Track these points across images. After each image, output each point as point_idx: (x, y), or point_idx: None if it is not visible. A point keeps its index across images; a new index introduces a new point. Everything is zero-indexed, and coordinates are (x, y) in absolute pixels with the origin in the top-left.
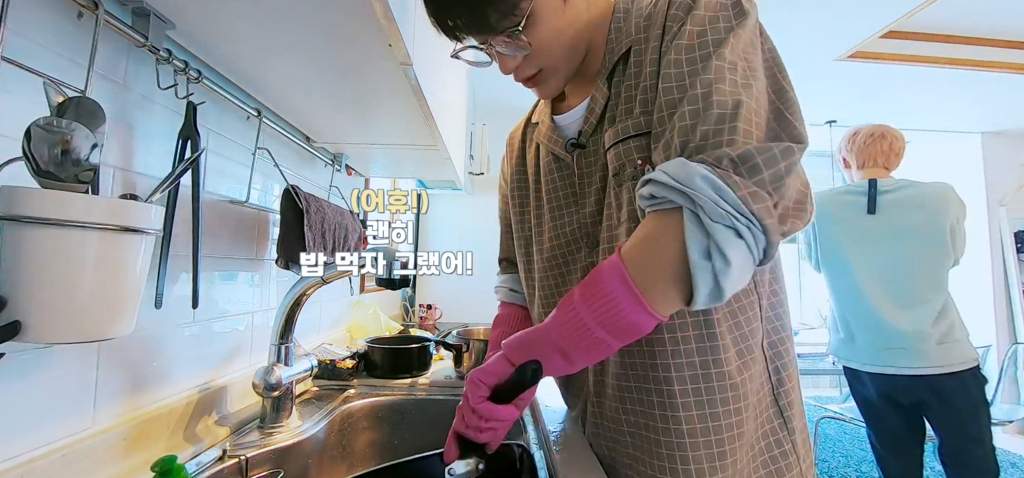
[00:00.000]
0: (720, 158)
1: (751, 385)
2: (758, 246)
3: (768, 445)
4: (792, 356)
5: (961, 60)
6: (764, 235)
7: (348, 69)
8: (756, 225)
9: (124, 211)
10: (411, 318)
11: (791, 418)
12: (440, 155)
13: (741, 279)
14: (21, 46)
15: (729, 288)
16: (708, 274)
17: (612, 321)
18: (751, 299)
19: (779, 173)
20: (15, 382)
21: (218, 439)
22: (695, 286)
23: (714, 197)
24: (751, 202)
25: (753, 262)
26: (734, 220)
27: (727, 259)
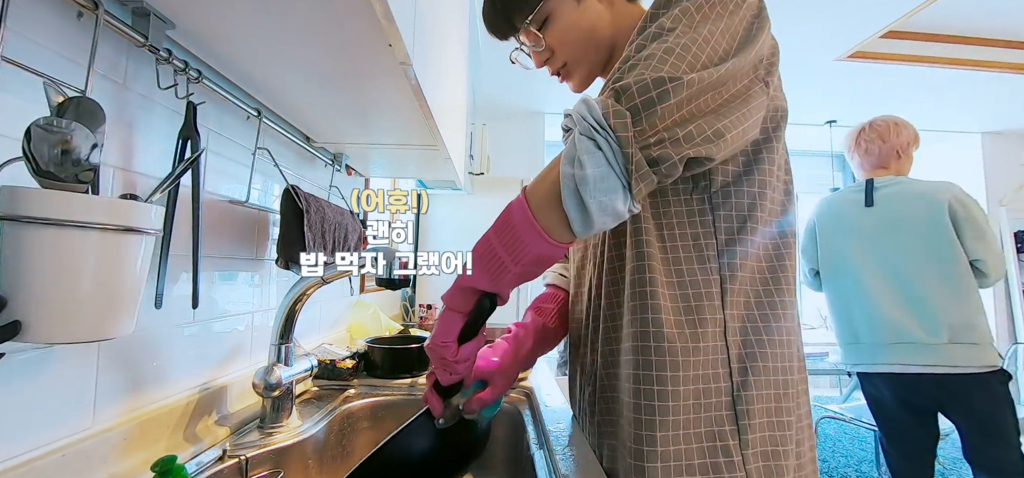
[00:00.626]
0: (608, 89)
1: (697, 357)
2: (616, 159)
3: (711, 438)
4: (776, 368)
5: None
6: (619, 147)
7: (348, 69)
8: (611, 136)
9: (124, 211)
10: (411, 318)
11: (747, 428)
12: (440, 155)
13: (604, 193)
14: (21, 46)
15: (591, 200)
16: (570, 182)
17: (516, 250)
18: (706, 264)
19: (650, 100)
20: (15, 382)
21: (218, 439)
22: (561, 197)
23: (582, 113)
24: (611, 117)
25: (618, 179)
26: (593, 132)
27: (582, 165)
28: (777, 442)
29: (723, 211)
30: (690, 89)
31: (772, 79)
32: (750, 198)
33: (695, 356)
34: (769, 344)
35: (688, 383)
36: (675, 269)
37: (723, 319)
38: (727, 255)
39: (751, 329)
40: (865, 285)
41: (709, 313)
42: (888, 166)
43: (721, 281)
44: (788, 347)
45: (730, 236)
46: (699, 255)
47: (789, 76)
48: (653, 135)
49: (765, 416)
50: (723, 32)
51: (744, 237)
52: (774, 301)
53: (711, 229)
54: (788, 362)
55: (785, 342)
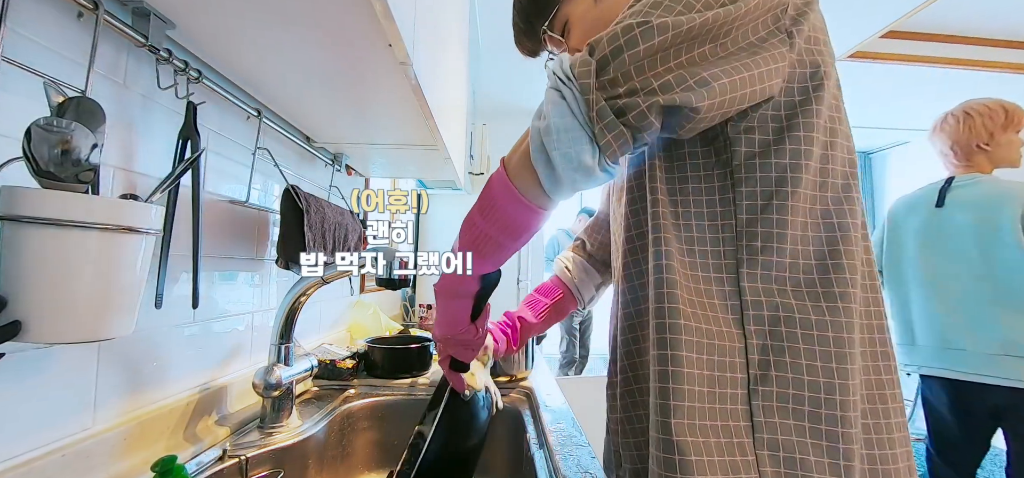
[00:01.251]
0: (586, 46)
1: (711, 341)
2: (579, 106)
3: (727, 433)
4: (821, 376)
5: (961, 60)
6: (581, 94)
7: (348, 69)
8: (574, 85)
9: (124, 211)
10: (411, 318)
11: (763, 427)
12: (440, 155)
13: (570, 146)
14: (21, 46)
15: (555, 151)
16: (536, 134)
17: (495, 217)
18: (720, 247)
19: (618, 48)
20: (15, 382)
21: (218, 439)
22: (530, 154)
23: (554, 68)
24: (576, 66)
25: (583, 130)
26: (558, 82)
27: (545, 115)
28: (808, 451)
29: (746, 187)
30: (663, 34)
31: (800, 30)
32: (779, 171)
33: (710, 339)
34: (804, 340)
35: (702, 367)
36: (688, 248)
37: (739, 306)
38: (748, 236)
39: (785, 320)
40: (923, 288)
41: (719, 298)
42: (970, 161)
43: (737, 265)
44: (846, 346)
45: (752, 215)
46: (715, 235)
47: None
48: (622, 84)
49: (792, 418)
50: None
51: (770, 216)
52: (831, 293)
53: (731, 207)
54: (843, 363)
55: (841, 339)
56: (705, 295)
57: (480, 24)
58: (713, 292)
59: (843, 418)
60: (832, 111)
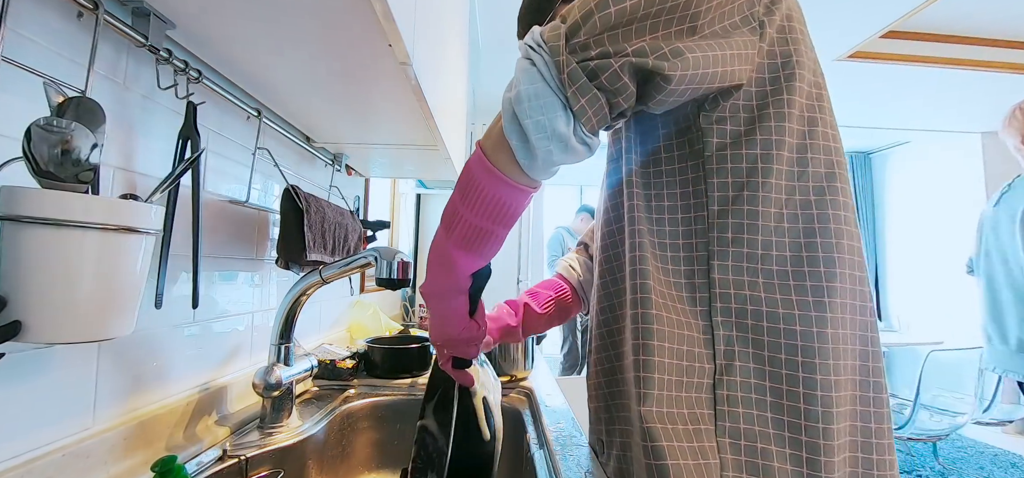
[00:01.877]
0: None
1: (681, 331)
2: (550, 71)
3: (695, 421)
4: (789, 368)
5: (961, 60)
6: (550, 56)
7: (348, 69)
8: (544, 50)
9: (124, 211)
10: (411, 318)
11: (726, 416)
12: (440, 155)
13: (543, 113)
14: (21, 46)
15: (527, 119)
16: (508, 105)
17: (477, 200)
18: (693, 239)
19: (589, 12)
20: (15, 382)
21: (218, 439)
22: (503, 126)
23: (526, 40)
24: (546, 33)
25: (555, 96)
26: (528, 50)
27: (515, 83)
28: (769, 441)
29: (717, 178)
30: (634, 1)
31: (772, 20)
32: (750, 161)
33: (680, 330)
34: (770, 332)
35: (672, 356)
36: (659, 240)
37: (708, 298)
38: (718, 228)
39: (752, 312)
40: (987, 285)
41: (688, 291)
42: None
43: (708, 256)
44: (819, 340)
45: (724, 207)
46: (687, 228)
47: None
48: (594, 48)
49: (755, 408)
50: None
51: (742, 207)
52: (803, 285)
53: (703, 198)
54: (813, 357)
55: (809, 333)
56: (675, 287)
57: (480, 24)
58: (682, 284)
59: (809, 412)
60: (811, 101)
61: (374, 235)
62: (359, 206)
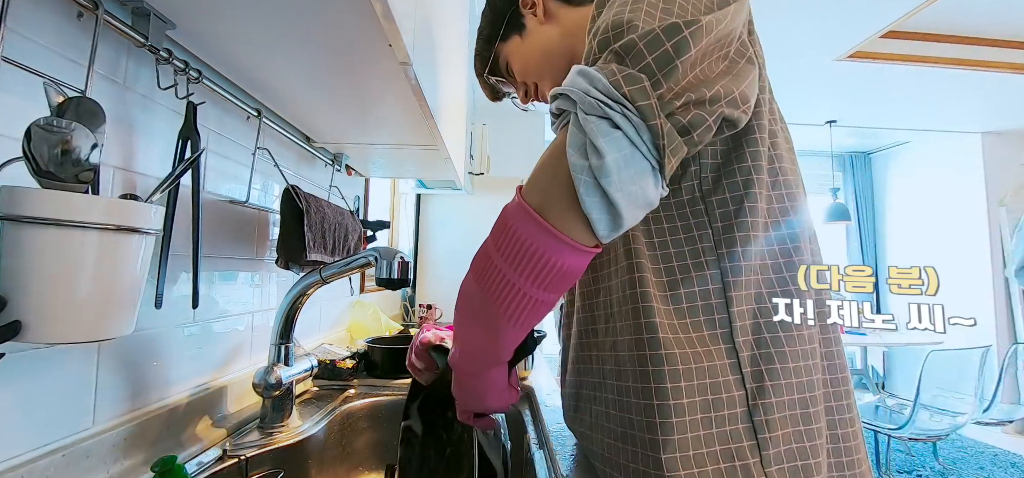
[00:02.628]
0: (607, 55)
1: (701, 364)
2: (641, 135)
3: (729, 457)
4: (800, 369)
5: (961, 60)
6: (643, 119)
7: (348, 69)
8: (631, 109)
9: (124, 211)
10: (411, 318)
11: (768, 443)
12: (440, 155)
13: (632, 181)
14: (21, 46)
15: (618, 192)
16: (586, 175)
17: (544, 275)
18: (701, 257)
19: (666, 56)
20: (15, 382)
21: (218, 439)
22: (579, 197)
23: (585, 87)
24: (623, 85)
25: (646, 160)
26: (605, 108)
27: (599, 152)
28: (807, 455)
29: (716, 196)
30: (709, 35)
31: (755, 42)
32: (744, 174)
33: (698, 363)
34: (788, 341)
35: (693, 394)
36: (665, 267)
37: (728, 318)
38: (726, 244)
39: (766, 326)
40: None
41: (706, 314)
42: None
43: (721, 275)
44: (818, 344)
45: (727, 222)
46: (693, 248)
47: (789, 76)
48: (679, 96)
49: (790, 425)
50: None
51: (743, 219)
52: (792, 291)
53: (704, 217)
54: (811, 360)
55: (808, 337)
56: (689, 314)
57: None
58: (698, 308)
59: (825, 413)
60: (772, 110)
61: (374, 235)
62: (359, 206)
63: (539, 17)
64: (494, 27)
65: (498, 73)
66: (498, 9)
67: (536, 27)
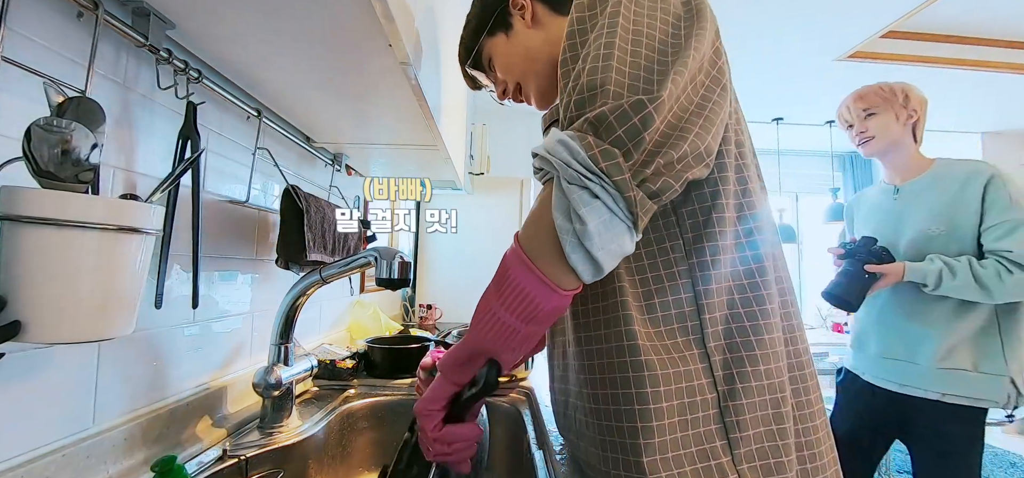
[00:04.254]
0: (582, 123)
1: (676, 369)
2: (618, 204)
3: (704, 457)
4: (770, 371)
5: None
6: (619, 192)
7: (348, 69)
8: (607, 182)
9: (124, 211)
10: (411, 318)
11: (739, 442)
12: (440, 155)
13: (611, 240)
14: (21, 46)
15: (598, 251)
16: (571, 236)
17: (531, 313)
18: (673, 267)
19: (634, 129)
20: (15, 382)
21: (218, 439)
22: (565, 253)
23: (566, 158)
24: (600, 160)
25: (622, 222)
26: (584, 179)
27: (582, 219)
28: (779, 453)
29: (686, 207)
30: (671, 101)
31: (725, 65)
32: (711, 186)
33: (674, 368)
34: (758, 345)
35: (671, 399)
36: (640, 278)
37: (700, 325)
38: (697, 253)
39: (737, 330)
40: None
41: (679, 322)
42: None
43: (693, 283)
44: (782, 345)
45: (697, 233)
46: (665, 260)
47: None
48: (647, 165)
49: (762, 424)
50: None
51: (712, 229)
52: (760, 295)
53: (676, 229)
54: (779, 362)
55: (777, 340)
56: (663, 322)
57: None
58: (672, 316)
59: (792, 413)
60: (736, 114)
61: (374, 235)
62: (359, 206)
63: (527, 20)
64: (482, 20)
65: (479, 67)
66: (488, 4)
67: (523, 29)
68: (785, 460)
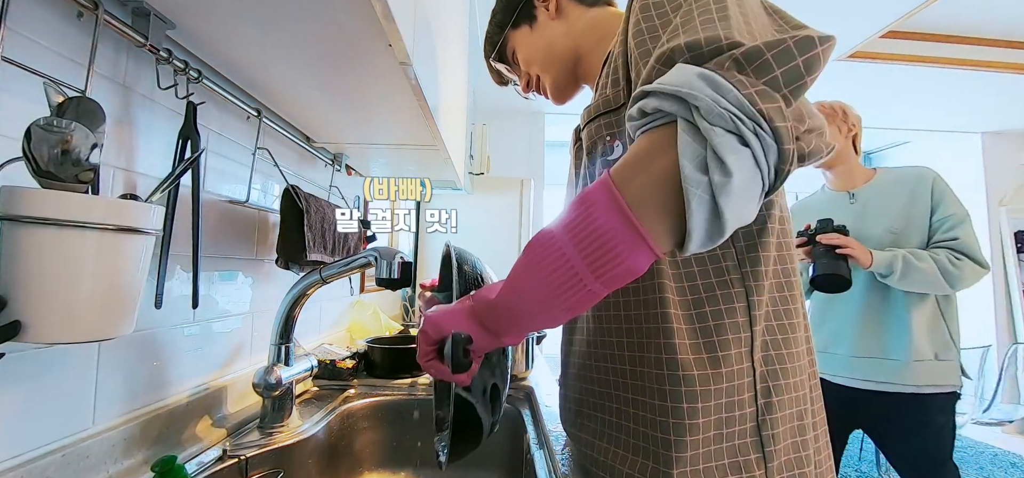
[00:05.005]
0: (722, 60)
1: (719, 385)
2: (768, 157)
3: (736, 470)
4: (798, 383)
5: (961, 60)
6: (776, 142)
7: (348, 69)
8: (765, 128)
9: (124, 211)
10: (411, 318)
11: (773, 455)
12: (440, 155)
13: (745, 203)
14: (21, 46)
15: (730, 211)
16: (703, 191)
17: (606, 265)
18: (726, 276)
19: (796, 71)
20: (15, 382)
21: (218, 439)
22: (688, 210)
23: (713, 95)
24: (759, 100)
25: (761, 182)
26: (737, 122)
27: (727, 170)
28: (803, 464)
29: None
30: (824, 43)
31: None
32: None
33: (717, 384)
34: (789, 358)
35: (709, 414)
36: (689, 285)
37: (751, 337)
38: (750, 262)
39: (771, 343)
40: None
41: (733, 332)
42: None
43: (746, 293)
44: (806, 357)
45: (750, 241)
46: (717, 267)
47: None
48: (804, 122)
49: (789, 437)
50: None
51: (766, 239)
52: (790, 309)
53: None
54: (804, 374)
55: (803, 352)
56: (715, 333)
57: (480, 24)
58: (724, 326)
59: (811, 417)
60: None
61: (374, 235)
62: (359, 206)
63: (551, 12)
64: (507, 13)
65: (504, 59)
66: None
67: (546, 21)
68: (808, 470)
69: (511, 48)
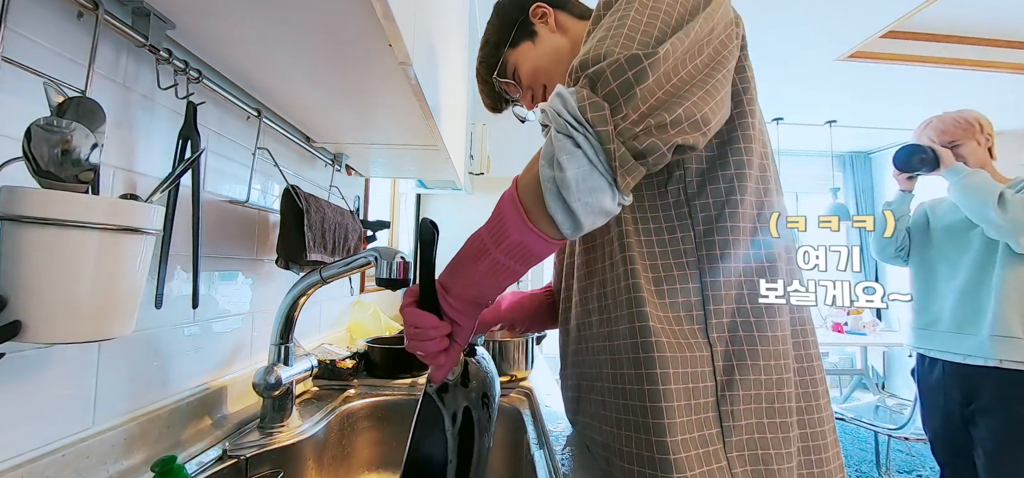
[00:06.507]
0: (582, 79)
1: (684, 354)
2: (599, 156)
3: (704, 443)
4: (772, 367)
5: (961, 60)
6: (599, 143)
7: (348, 69)
8: (590, 132)
9: (124, 211)
10: None
11: (732, 431)
12: (440, 155)
13: (591, 195)
14: (21, 46)
15: (576, 202)
16: (551, 184)
17: (507, 243)
18: (683, 258)
19: (627, 82)
20: (15, 382)
21: (218, 439)
22: (545, 200)
23: (557, 108)
24: (587, 110)
25: (603, 177)
26: (570, 128)
27: (562, 167)
28: (769, 445)
29: (700, 200)
30: (667, 62)
31: (745, 51)
32: (727, 182)
33: (682, 353)
34: (762, 341)
35: (678, 381)
36: (651, 265)
37: (704, 316)
38: (706, 247)
39: (742, 325)
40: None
41: (685, 311)
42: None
43: (700, 275)
44: (783, 343)
45: (708, 226)
46: (676, 249)
47: (789, 76)
48: (637, 124)
49: (755, 417)
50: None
51: (724, 224)
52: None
53: (688, 220)
54: (784, 359)
55: (780, 339)
56: (671, 309)
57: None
58: (679, 304)
59: (797, 410)
60: (760, 114)
61: (374, 235)
62: (359, 206)
63: (551, 26)
64: (503, 33)
65: (505, 77)
66: (507, 18)
67: (548, 35)
68: (782, 453)
69: (512, 66)
